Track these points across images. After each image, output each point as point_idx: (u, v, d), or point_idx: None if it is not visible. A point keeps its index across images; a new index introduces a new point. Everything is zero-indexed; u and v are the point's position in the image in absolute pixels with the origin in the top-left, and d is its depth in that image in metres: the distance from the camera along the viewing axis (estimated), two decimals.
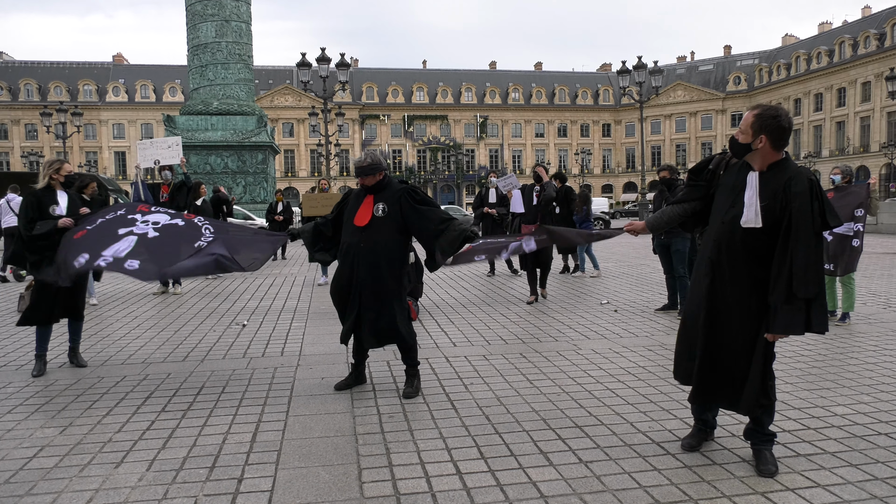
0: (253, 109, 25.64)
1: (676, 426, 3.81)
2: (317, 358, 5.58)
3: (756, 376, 3.14)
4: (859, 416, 3.93)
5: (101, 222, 4.77)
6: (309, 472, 3.24)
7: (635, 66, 29.84)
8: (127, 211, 4.84)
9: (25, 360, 5.53)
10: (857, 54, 61.10)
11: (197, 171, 23.28)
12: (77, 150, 65.67)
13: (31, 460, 3.44)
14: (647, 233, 3.78)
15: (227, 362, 5.52)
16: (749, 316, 3.14)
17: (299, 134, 70.93)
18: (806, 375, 4.83)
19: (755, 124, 3.10)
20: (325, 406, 4.26)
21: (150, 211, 4.83)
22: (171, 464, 3.36)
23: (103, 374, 5.15)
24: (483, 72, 78.78)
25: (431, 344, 6.07)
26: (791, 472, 3.17)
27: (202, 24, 24.51)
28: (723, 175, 3.36)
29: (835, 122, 63.93)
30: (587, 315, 7.48)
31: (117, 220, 4.75)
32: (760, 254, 3.10)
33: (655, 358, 5.44)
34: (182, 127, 24.22)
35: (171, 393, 4.63)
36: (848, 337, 6.14)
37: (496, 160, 75.32)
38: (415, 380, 4.55)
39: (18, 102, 66.34)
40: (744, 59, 75.55)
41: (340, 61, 26.13)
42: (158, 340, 6.43)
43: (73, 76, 69.03)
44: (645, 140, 53.19)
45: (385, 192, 4.47)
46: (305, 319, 7.42)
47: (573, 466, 3.27)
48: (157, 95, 70.21)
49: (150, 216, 4.77)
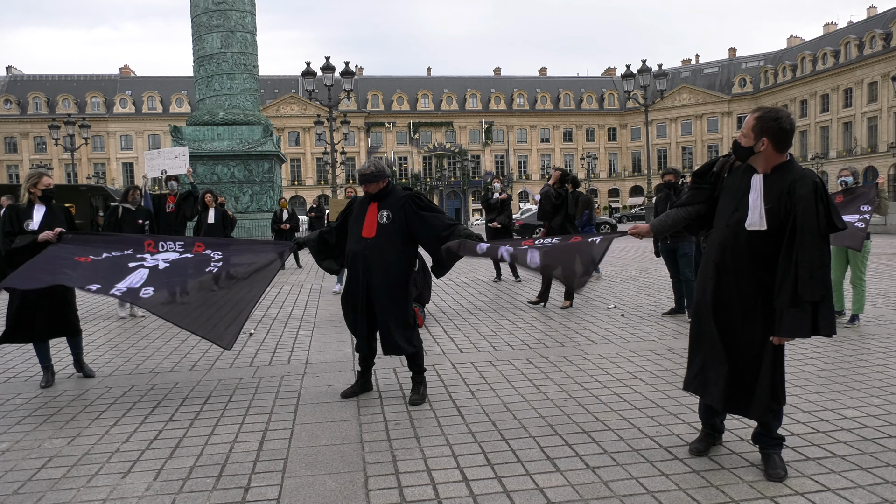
0: (259, 119, 25.77)
1: (684, 431, 3.78)
2: (323, 366, 5.59)
3: (766, 381, 3.12)
4: (869, 419, 3.90)
5: (107, 258, 4.73)
6: (315, 480, 3.24)
7: (640, 70, 29.80)
8: (135, 250, 4.78)
9: (34, 372, 5.56)
10: (863, 54, 60.87)
11: (204, 181, 23.39)
12: (85, 161, 66.14)
13: (39, 471, 3.45)
14: (652, 236, 3.77)
15: (233, 371, 5.53)
16: (755, 319, 3.13)
17: (305, 142, 71.20)
18: (815, 378, 4.80)
19: (756, 127, 3.09)
20: (331, 414, 4.26)
21: (158, 250, 4.76)
22: (179, 473, 3.37)
23: (111, 385, 5.17)
24: (488, 78, 78.91)
25: (438, 350, 6.07)
26: (800, 476, 3.14)
27: (208, 35, 24.69)
28: (727, 178, 3.35)
29: (842, 123, 63.64)
30: (594, 319, 7.45)
31: (125, 258, 4.74)
32: (765, 257, 3.09)
33: (663, 362, 5.41)
34: (189, 137, 24.36)
35: (179, 402, 4.64)
36: (857, 339, 6.10)
37: (502, 166, 75.35)
38: (421, 387, 4.55)
39: (27, 116, 66.94)
40: (749, 62, 75.38)
41: (345, 70, 26.20)
42: (166, 350, 6.45)
43: (80, 89, 69.63)
44: (651, 144, 53.04)
45: (389, 200, 4.49)
46: (312, 327, 7.43)
47: (580, 472, 3.26)
48: (164, 106, 70.68)
49: (160, 255, 4.73)
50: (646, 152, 36.60)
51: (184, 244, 4.84)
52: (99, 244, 4.92)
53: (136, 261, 4.72)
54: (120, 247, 4.87)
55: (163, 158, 9.78)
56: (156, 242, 4.85)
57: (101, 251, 4.81)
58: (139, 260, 4.74)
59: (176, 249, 4.81)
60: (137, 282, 4.54)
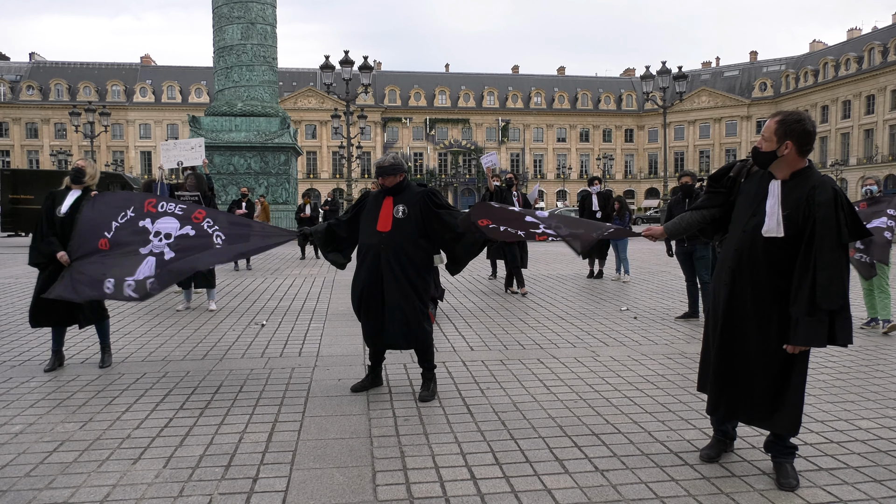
0: (276, 111, 25.85)
1: (695, 436, 3.75)
2: (334, 359, 5.60)
3: (796, 395, 3.08)
4: (884, 431, 3.85)
5: (117, 228, 4.83)
6: (323, 473, 3.24)
7: (659, 72, 29.55)
8: (136, 214, 4.84)
9: (48, 357, 5.61)
10: (888, 61, 59.95)
11: (220, 172, 23.54)
12: (104, 149, 66.72)
13: (51, 454, 3.49)
14: (665, 238, 3.74)
15: (245, 361, 5.56)
16: (769, 327, 3.09)
17: (322, 136, 71.37)
18: (829, 388, 4.74)
19: (779, 130, 3.05)
20: (340, 408, 4.27)
21: (158, 212, 4.82)
22: (188, 461, 3.39)
23: (124, 371, 5.22)
24: (506, 76, 78.65)
25: (449, 348, 6.06)
26: (812, 487, 3.10)
27: (228, 27, 24.78)
28: (744, 183, 3.31)
29: (863, 130, 62.77)
30: (606, 322, 7.41)
31: (130, 228, 4.81)
32: (782, 264, 3.05)
33: (675, 366, 5.37)
34: (207, 128, 24.49)
35: (190, 391, 4.67)
36: (874, 349, 6.02)
37: (517, 164, 75.10)
38: (431, 383, 4.54)
39: (49, 102, 67.60)
40: (770, 66, 74.52)
41: (363, 64, 26.24)
42: (178, 338, 6.49)
43: (101, 76, 70.22)
44: (668, 146, 52.73)
45: (404, 195, 4.48)
46: (324, 320, 7.45)
47: (589, 475, 3.24)
48: (184, 96, 71.11)
49: (161, 225, 4.79)
50: (663, 154, 36.33)
51: (184, 208, 4.87)
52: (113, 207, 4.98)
53: (142, 239, 4.77)
54: (123, 205, 4.93)
55: (179, 149, 9.84)
56: (157, 202, 4.90)
57: (110, 220, 4.87)
58: (144, 236, 4.77)
59: (175, 213, 4.84)
60: (146, 273, 4.64)
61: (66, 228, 5.01)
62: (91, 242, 4.84)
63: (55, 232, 5.06)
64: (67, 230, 4.99)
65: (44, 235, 5.08)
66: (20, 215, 22.39)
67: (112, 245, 4.81)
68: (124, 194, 5.18)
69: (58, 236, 5.04)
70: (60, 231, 5.04)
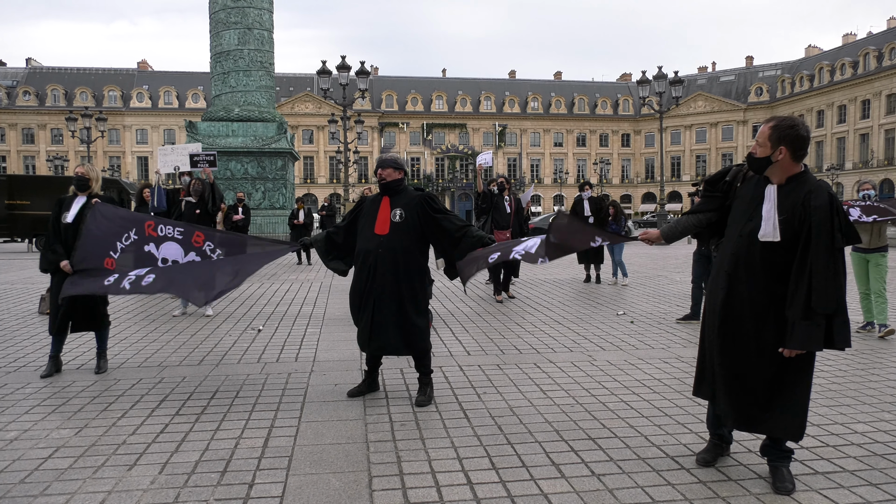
0: (273, 116, 25.85)
1: (691, 440, 3.75)
2: (330, 364, 5.59)
3: (800, 400, 3.08)
4: (880, 434, 3.86)
5: (123, 251, 4.93)
6: (319, 478, 3.24)
7: (655, 77, 29.68)
8: (139, 237, 4.90)
9: (45, 362, 5.60)
10: (883, 66, 60.22)
11: (217, 177, 23.44)
12: (101, 154, 66.63)
13: (46, 461, 3.47)
14: (662, 242, 3.75)
15: (241, 367, 5.54)
16: (766, 330, 3.09)
17: (319, 141, 71.40)
18: (825, 391, 4.75)
19: (773, 136, 3.06)
20: (337, 413, 4.26)
21: (159, 236, 4.87)
22: (184, 467, 3.38)
23: (119, 377, 5.20)
24: (502, 81, 78.80)
25: (445, 352, 6.06)
26: (808, 490, 3.11)
27: (225, 32, 24.80)
28: (740, 187, 3.32)
29: (858, 135, 63.00)
30: (603, 326, 7.42)
31: (136, 252, 4.90)
32: (778, 268, 3.06)
33: (671, 370, 5.38)
34: (203, 133, 24.48)
35: (186, 396, 4.66)
36: (869, 353, 6.03)
37: (514, 169, 75.21)
38: (428, 388, 4.54)
39: (45, 107, 67.52)
40: (766, 70, 74.81)
41: (360, 69, 26.27)
42: (174, 344, 6.48)
43: (98, 82, 70.19)
44: (664, 151, 52.71)
45: (402, 197, 4.49)
46: (320, 325, 7.45)
47: (585, 479, 3.23)
48: (181, 101, 71.09)
49: (165, 251, 4.85)
50: (659, 159, 36.42)
51: (182, 231, 4.90)
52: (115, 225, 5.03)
53: (152, 264, 4.90)
54: (126, 228, 4.97)
55: (176, 155, 9.85)
56: (156, 225, 4.95)
57: (115, 242, 4.95)
58: (149, 259, 4.93)
59: (175, 237, 4.88)
60: (143, 272, 4.73)
61: (72, 236, 5.06)
62: (96, 260, 4.93)
63: (60, 240, 5.12)
64: (72, 238, 5.05)
65: (51, 243, 5.13)
66: (16, 221, 22.34)
67: (118, 266, 4.91)
68: (122, 212, 5.20)
69: (63, 244, 5.09)
70: (65, 238, 5.10)
